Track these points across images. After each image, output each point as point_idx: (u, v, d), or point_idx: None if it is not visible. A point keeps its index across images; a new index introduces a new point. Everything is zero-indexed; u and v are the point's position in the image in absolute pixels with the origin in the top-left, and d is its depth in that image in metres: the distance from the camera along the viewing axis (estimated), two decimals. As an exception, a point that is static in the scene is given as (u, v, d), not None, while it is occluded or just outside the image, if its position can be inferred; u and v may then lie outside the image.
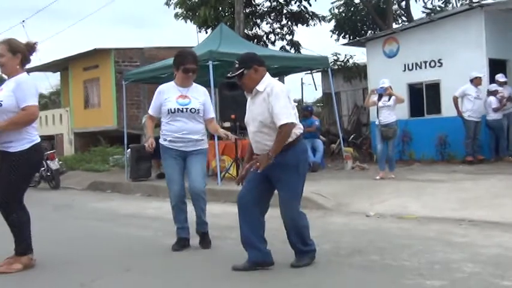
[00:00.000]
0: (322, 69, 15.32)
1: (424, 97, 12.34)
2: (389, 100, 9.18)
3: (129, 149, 12.14)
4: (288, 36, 18.76)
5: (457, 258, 4.26)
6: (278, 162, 4.05)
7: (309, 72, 16.42)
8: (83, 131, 22.26)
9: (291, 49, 18.45)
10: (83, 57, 21.29)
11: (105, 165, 15.96)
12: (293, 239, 4.19)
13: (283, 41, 18.76)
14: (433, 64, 12.10)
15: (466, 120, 10.64)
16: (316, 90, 33.70)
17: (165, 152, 5.03)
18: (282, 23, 18.73)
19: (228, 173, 10.15)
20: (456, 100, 10.73)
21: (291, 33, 18.77)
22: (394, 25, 17.78)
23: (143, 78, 12.85)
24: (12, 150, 4.32)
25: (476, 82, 10.63)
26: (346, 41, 18.75)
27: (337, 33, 19.59)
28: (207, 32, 17.05)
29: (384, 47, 13.01)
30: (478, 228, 5.48)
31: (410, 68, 12.48)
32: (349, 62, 17.88)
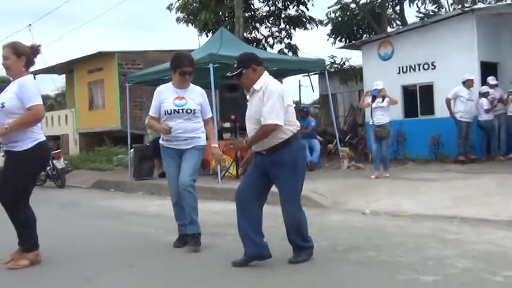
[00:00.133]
0: (319, 72, 15.33)
1: (417, 98, 12.35)
2: (383, 101, 9.19)
3: (133, 149, 12.14)
4: (286, 40, 18.78)
5: (450, 254, 4.26)
6: (275, 160, 4.04)
7: (307, 74, 16.41)
8: (88, 132, 22.24)
9: (288, 52, 18.43)
10: (87, 60, 21.28)
11: (109, 165, 15.95)
12: (293, 236, 4.17)
13: (281, 44, 18.78)
14: (426, 67, 12.11)
15: (458, 121, 10.65)
16: (313, 92, 33.76)
17: (163, 151, 5.03)
18: (280, 26, 18.73)
19: (228, 172, 10.14)
20: (449, 101, 10.74)
21: (289, 36, 18.78)
22: (389, 29, 17.80)
23: (146, 80, 12.83)
24: (17, 149, 4.31)
25: (468, 84, 10.64)
26: (342, 44, 18.77)
27: (333, 36, 19.59)
28: (207, 35, 17.04)
29: (379, 50, 13.02)
30: (470, 225, 5.49)
31: (404, 70, 12.49)
32: (345, 64, 17.93)
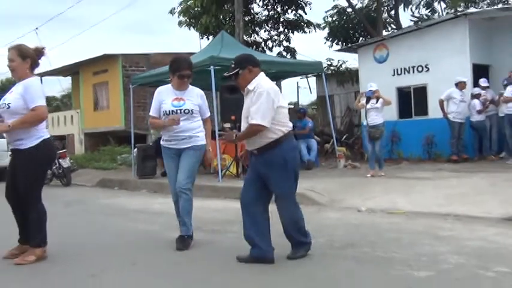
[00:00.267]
0: (316, 74, 15.29)
1: (412, 100, 12.36)
2: (377, 102, 9.17)
3: (136, 149, 12.13)
4: (284, 43, 18.80)
5: (443, 251, 4.26)
6: (265, 159, 4.02)
7: (304, 76, 16.37)
8: (93, 132, 22.24)
9: (287, 55, 18.44)
10: (92, 62, 21.29)
11: (113, 164, 15.95)
12: (292, 232, 4.15)
13: (280, 47, 18.79)
14: (420, 69, 12.11)
15: (451, 122, 10.66)
16: (311, 93, 33.78)
17: (164, 152, 5.01)
18: (279, 30, 18.74)
19: (229, 170, 10.14)
20: (442, 103, 10.74)
21: (288, 40, 18.80)
22: (384, 32, 17.80)
23: (149, 82, 12.81)
24: (23, 147, 4.32)
25: (461, 86, 10.64)
26: (339, 47, 18.78)
27: (330, 40, 19.62)
28: (208, 38, 17.04)
29: (375, 53, 13.02)
30: (462, 222, 5.49)
31: (399, 72, 12.48)
32: (341, 67, 17.95)
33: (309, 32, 18.70)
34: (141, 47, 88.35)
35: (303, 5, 18.21)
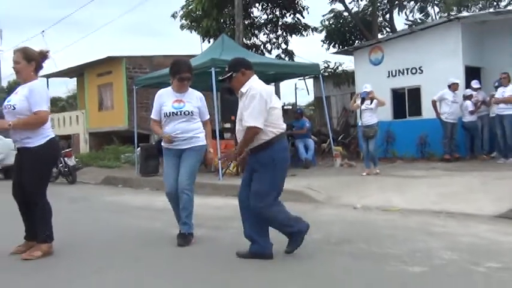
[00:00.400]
0: (314, 76, 15.34)
1: (406, 101, 12.34)
2: (371, 103, 9.16)
3: (139, 148, 12.13)
4: (283, 46, 18.77)
5: (437, 247, 4.26)
6: (257, 159, 4.01)
7: (302, 78, 16.43)
8: (97, 131, 22.22)
9: (285, 57, 18.42)
10: (97, 64, 21.26)
11: (117, 162, 15.93)
12: (276, 228, 4.09)
13: (278, 49, 18.78)
14: (414, 71, 12.10)
15: (443, 122, 10.65)
16: (308, 94, 33.83)
17: (164, 152, 4.99)
18: (277, 33, 18.71)
19: (229, 169, 10.14)
20: (435, 103, 10.74)
21: (286, 42, 18.77)
22: (379, 36, 17.78)
23: (152, 84, 12.80)
24: (30, 145, 4.32)
25: (454, 87, 10.64)
26: (335, 50, 18.72)
27: (327, 42, 19.57)
28: (209, 41, 17.02)
29: (370, 56, 13.01)
30: (455, 219, 5.49)
31: (393, 74, 12.47)
32: (338, 69, 17.93)
33: (307, 35, 18.72)
34: (145, 50, 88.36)
35: (301, 9, 18.22)
